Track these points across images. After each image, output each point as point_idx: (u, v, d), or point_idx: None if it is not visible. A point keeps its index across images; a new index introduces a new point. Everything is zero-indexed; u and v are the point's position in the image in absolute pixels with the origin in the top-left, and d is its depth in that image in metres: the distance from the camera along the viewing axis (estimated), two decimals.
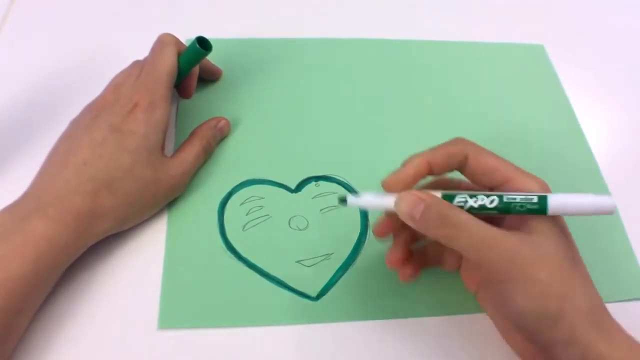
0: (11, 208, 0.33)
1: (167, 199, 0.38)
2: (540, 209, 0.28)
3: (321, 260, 0.37)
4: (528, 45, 0.53)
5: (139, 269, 0.36)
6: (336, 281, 0.37)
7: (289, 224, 0.39)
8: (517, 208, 0.29)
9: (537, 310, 0.28)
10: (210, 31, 0.43)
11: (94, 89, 0.39)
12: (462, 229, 0.29)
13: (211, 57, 0.43)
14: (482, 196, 0.29)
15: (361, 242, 0.38)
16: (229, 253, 0.37)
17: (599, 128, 0.47)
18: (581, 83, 0.50)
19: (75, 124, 0.37)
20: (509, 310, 0.29)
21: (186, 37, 0.41)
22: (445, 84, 0.49)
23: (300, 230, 0.39)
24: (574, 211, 0.27)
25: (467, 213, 0.29)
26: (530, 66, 0.51)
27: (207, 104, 0.45)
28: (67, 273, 0.34)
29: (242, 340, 0.34)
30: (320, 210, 0.39)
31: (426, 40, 0.52)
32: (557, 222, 0.30)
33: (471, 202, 0.30)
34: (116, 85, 0.39)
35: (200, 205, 0.39)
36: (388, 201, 0.31)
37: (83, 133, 0.36)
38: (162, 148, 0.38)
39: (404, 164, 0.32)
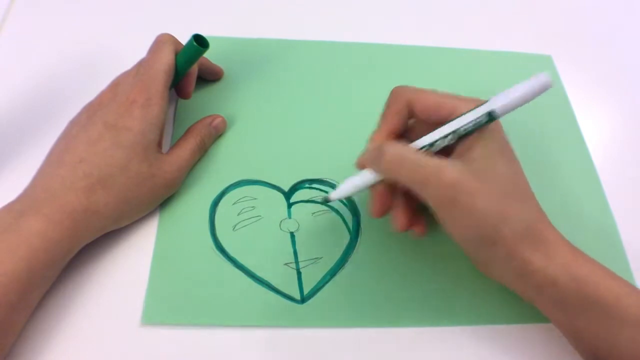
0: (8, 206, 0.37)
1: (163, 196, 0.42)
2: (490, 120, 0.33)
3: (309, 264, 0.41)
4: (536, 55, 0.56)
5: (129, 265, 0.40)
6: (323, 286, 0.40)
7: (280, 226, 0.42)
8: (472, 132, 0.34)
9: (477, 235, 0.35)
10: (212, 31, 0.47)
11: (94, 89, 0.43)
12: (404, 167, 0.34)
13: (211, 56, 0.47)
14: (439, 140, 0.35)
15: (351, 248, 0.42)
16: (217, 252, 0.40)
17: (603, 141, 0.51)
18: (588, 95, 0.54)
19: (73, 123, 0.41)
20: (454, 235, 0.36)
21: (187, 38, 0.43)
22: (447, 90, 0.52)
23: (291, 232, 0.42)
24: (519, 102, 0.32)
25: (412, 148, 0.35)
26: None
27: (205, 103, 0.48)
28: None
29: (225, 340, 0.37)
30: (313, 213, 0.43)
31: (432, 46, 0.56)
32: (497, 142, 0.35)
33: (431, 148, 0.35)
34: (114, 85, 0.43)
35: (193, 203, 0.43)
36: (364, 174, 0.37)
37: (79, 131, 0.39)
38: (159, 145, 0.41)
39: (369, 141, 0.38)
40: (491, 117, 0.33)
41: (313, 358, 0.38)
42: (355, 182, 0.38)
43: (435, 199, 0.34)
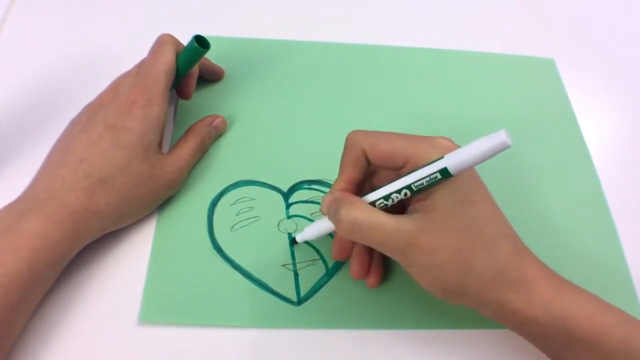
0: (9, 207, 0.37)
1: (164, 196, 0.42)
2: (444, 177, 0.32)
3: (307, 266, 0.41)
4: (538, 58, 0.57)
5: (128, 264, 0.40)
6: (320, 287, 0.41)
7: (278, 227, 0.43)
8: (427, 187, 0.33)
9: (443, 288, 0.34)
10: (212, 31, 0.48)
11: (94, 89, 0.44)
12: (361, 231, 0.34)
13: (211, 56, 0.48)
14: (395, 194, 0.34)
15: None
16: (215, 252, 0.41)
17: (603, 142, 0.51)
18: (589, 96, 0.55)
19: (74, 123, 0.42)
20: (422, 287, 0.35)
21: (188, 38, 0.44)
22: (449, 92, 0.53)
23: (289, 233, 0.43)
24: (474, 161, 0.30)
25: (369, 208, 0.34)
26: (539, 79, 0.55)
27: (206, 103, 0.49)
28: None
29: (221, 341, 0.38)
30: (311, 214, 0.44)
31: (433, 48, 0.56)
32: (459, 188, 0.33)
33: (387, 201, 0.34)
34: (114, 85, 0.44)
35: (191, 202, 0.43)
36: (324, 223, 0.38)
37: (80, 131, 0.40)
38: (160, 145, 0.42)
39: (330, 192, 0.37)
40: (446, 174, 0.31)
41: (307, 359, 0.38)
42: (317, 229, 0.39)
43: (396, 258, 0.35)
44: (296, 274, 0.41)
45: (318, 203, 0.44)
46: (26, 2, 0.56)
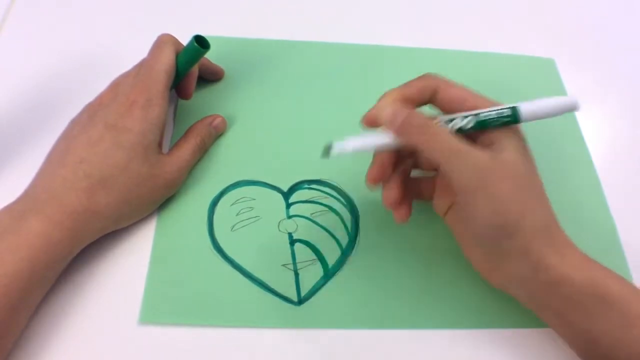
0: (9, 207, 0.37)
1: (164, 196, 0.42)
2: (513, 118, 0.34)
3: (307, 265, 0.41)
4: (538, 58, 0.57)
5: (128, 264, 0.41)
6: (320, 287, 0.41)
7: (278, 226, 0.43)
8: (493, 122, 0.34)
9: (497, 222, 0.35)
10: (212, 31, 0.48)
11: (94, 89, 0.44)
12: (437, 139, 0.35)
13: (211, 56, 0.48)
14: (458, 119, 0.35)
15: (349, 249, 0.42)
16: (215, 252, 0.41)
17: (603, 142, 0.52)
18: (589, 96, 0.55)
19: (74, 123, 0.42)
20: (471, 222, 0.36)
21: (188, 38, 0.44)
22: None
23: (289, 233, 0.43)
24: (543, 114, 0.33)
25: (443, 127, 0.36)
26: (539, 79, 0.55)
27: (205, 103, 0.49)
28: None
29: (221, 341, 0.38)
30: (311, 214, 0.44)
31: (434, 48, 0.57)
32: (522, 141, 0.36)
33: (448, 125, 0.36)
34: (114, 85, 0.44)
35: (192, 202, 0.43)
36: (372, 136, 0.37)
37: (80, 131, 0.40)
38: (160, 145, 0.42)
39: (380, 99, 0.38)
40: (515, 114, 0.34)
41: (308, 359, 0.38)
42: (370, 140, 0.37)
43: (464, 180, 0.35)
44: (296, 274, 0.41)
45: (318, 203, 0.45)
46: (26, 2, 0.56)
